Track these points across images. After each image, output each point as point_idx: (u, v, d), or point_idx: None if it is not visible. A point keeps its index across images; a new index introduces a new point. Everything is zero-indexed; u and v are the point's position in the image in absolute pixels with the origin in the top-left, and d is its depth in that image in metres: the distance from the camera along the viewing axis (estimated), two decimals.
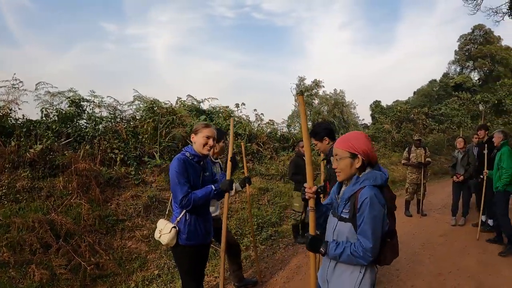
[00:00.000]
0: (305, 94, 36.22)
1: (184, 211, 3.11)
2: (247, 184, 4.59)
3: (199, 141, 3.17)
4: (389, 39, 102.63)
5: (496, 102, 29.35)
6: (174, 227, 3.08)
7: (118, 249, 5.61)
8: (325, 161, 4.13)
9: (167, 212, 3.64)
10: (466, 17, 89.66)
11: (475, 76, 45.11)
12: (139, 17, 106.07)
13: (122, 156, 7.50)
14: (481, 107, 30.97)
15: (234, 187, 4.21)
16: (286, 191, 9.46)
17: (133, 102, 9.65)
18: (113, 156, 7.43)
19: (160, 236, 3.12)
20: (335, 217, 2.25)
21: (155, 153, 8.17)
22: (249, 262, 5.71)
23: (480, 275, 5.03)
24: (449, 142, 20.33)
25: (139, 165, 7.74)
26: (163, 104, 9.99)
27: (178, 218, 3.12)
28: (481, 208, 6.84)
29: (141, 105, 9.67)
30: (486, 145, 6.82)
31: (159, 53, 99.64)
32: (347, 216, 2.12)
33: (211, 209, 3.84)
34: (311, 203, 2.22)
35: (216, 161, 4.35)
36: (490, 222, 7.06)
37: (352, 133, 2.36)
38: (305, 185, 2.25)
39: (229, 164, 3.51)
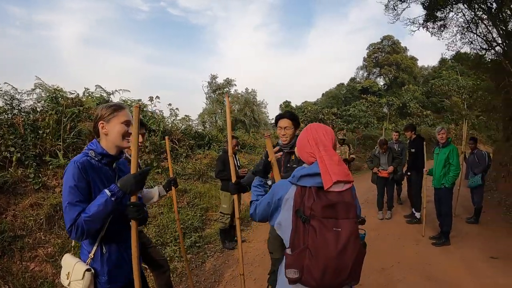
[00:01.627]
0: (216, 92, 35.94)
1: (99, 240, 2.11)
2: (173, 187, 3.73)
3: (115, 130, 2.15)
4: (301, 43, 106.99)
5: (400, 105, 32.12)
6: (88, 269, 2.04)
7: (19, 274, 4.41)
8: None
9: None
10: (375, 28, 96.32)
11: (380, 81, 49.46)
12: (47, 2, 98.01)
13: (18, 155, 6.24)
14: (385, 109, 33.62)
15: (157, 191, 3.51)
16: (205, 192, 8.85)
17: (33, 90, 8.35)
18: (8, 155, 6.15)
19: (70, 283, 2.08)
20: None
21: (58, 151, 6.95)
22: (177, 277, 4.98)
23: (421, 266, 5.16)
24: (358, 141, 21.37)
25: (39, 166, 6.53)
26: (68, 94, 8.81)
27: (91, 253, 2.10)
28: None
29: (43, 94, 8.41)
30: (423, 143, 7.15)
31: (68, 43, 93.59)
32: None
33: None
34: None
35: None
36: (417, 215, 7.42)
37: None
38: None
39: (133, 155, 2.06)
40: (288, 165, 3.51)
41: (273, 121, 42.64)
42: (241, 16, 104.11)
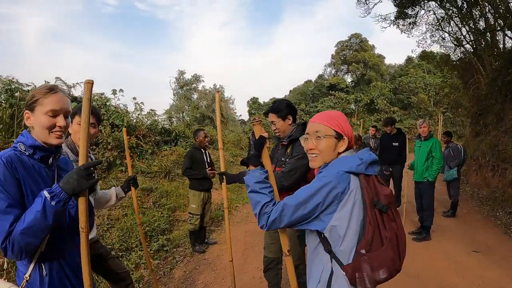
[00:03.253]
0: (184, 88, 35.59)
1: (35, 259, 1.63)
2: (132, 187, 3.20)
3: (38, 122, 1.67)
4: (269, 40, 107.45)
5: (368, 101, 32.63)
6: None
7: None
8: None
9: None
10: (343, 26, 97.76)
11: (348, 78, 49.95)
12: None
13: None
14: (352, 106, 34.07)
15: (114, 191, 2.99)
16: (173, 190, 8.34)
17: None
18: None
19: None
20: None
21: None
22: (143, 286, 4.44)
23: (404, 262, 4.71)
24: None
25: None
26: (24, 86, 8.11)
27: (27, 274, 1.63)
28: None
29: None
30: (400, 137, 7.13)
31: (30, 37, 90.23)
32: None
33: None
34: None
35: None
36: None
37: (333, 111, 1.86)
38: None
39: (82, 144, 1.58)
40: (283, 158, 3.14)
41: (241, 117, 42.69)
42: (209, 11, 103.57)
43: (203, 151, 5.76)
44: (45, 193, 1.51)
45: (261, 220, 1.67)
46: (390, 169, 7.40)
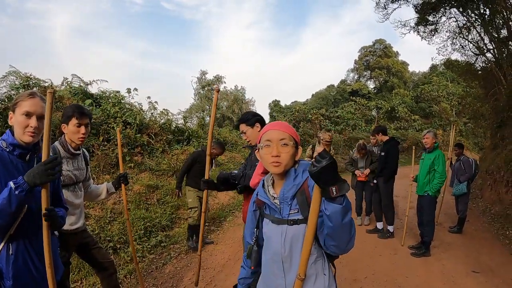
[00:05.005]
0: (205, 88, 35.89)
1: (5, 240, 1.87)
2: (122, 184, 3.41)
3: (16, 121, 1.96)
4: (294, 42, 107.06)
5: (389, 108, 32.20)
6: None
7: None
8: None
9: None
10: (367, 31, 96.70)
11: (370, 84, 49.32)
12: None
13: None
14: (373, 113, 33.66)
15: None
16: None
17: (4, 77, 8.10)
18: None
19: None
20: (282, 223, 1.73)
21: None
22: (135, 278, 4.63)
23: (398, 278, 4.73)
24: (345, 142, 21.29)
25: None
26: (41, 82, 8.47)
27: None
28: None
29: (16, 82, 8.11)
30: (397, 147, 6.88)
31: (58, 34, 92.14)
32: (299, 217, 1.67)
33: (71, 219, 2.76)
34: None
35: (77, 152, 2.94)
36: (390, 228, 6.75)
37: (284, 122, 1.95)
38: None
39: (45, 143, 1.80)
40: (256, 163, 3.21)
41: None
42: (235, 13, 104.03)
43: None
44: (11, 183, 1.74)
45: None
46: (375, 181, 6.99)
